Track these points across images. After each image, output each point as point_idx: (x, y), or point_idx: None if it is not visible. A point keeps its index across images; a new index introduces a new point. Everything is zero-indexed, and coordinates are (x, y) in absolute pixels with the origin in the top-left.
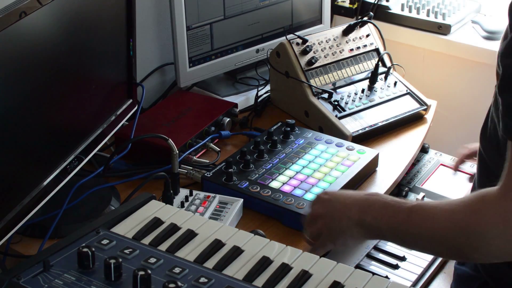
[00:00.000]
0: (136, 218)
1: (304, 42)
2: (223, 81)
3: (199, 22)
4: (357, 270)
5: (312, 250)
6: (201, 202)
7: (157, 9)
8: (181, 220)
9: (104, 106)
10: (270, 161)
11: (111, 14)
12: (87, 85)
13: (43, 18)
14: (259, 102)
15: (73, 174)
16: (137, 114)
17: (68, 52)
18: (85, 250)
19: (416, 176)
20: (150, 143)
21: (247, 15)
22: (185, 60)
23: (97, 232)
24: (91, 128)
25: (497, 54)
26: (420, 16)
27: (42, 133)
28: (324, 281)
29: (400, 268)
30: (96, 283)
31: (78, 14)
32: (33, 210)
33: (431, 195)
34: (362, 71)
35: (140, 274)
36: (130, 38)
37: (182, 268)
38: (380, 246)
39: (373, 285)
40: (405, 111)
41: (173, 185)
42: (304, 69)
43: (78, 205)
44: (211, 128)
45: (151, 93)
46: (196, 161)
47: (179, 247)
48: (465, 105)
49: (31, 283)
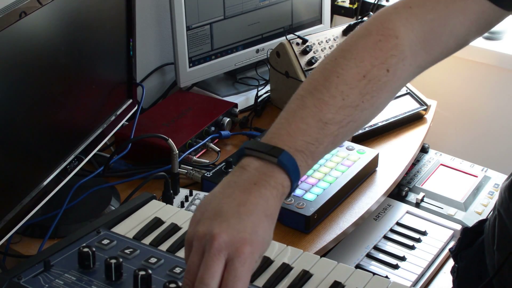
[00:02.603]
0: (136, 218)
1: (304, 42)
2: (223, 81)
3: (199, 22)
4: (357, 270)
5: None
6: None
7: (157, 9)
8: (181, 220)
9: (104, 106)
10: None
11: (111, 14)
12: (87, 85)
13: (43, 18)
14: (259, 102)
15: (73, 174)
16: (137, 114)
17: (68, 52)
18: (86, 250)
19: (416, 176)
20: (150, 143)
21: (247, 15)
22: (185, 60)
23: (98, 232)
24: (91, 128)
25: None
26: None
27: (42, 133)
28: (324, 281)
29: (400, 268)
30: (96, 283)
31: (78, 14)
32: (33, 210)
33: (431, 195)
34: None
35: (140, 274)
36: (130, 38)
37: (183, 268)
38: (380, 246)
39: (374, 285)
40: (405, 111)
41: (173, 185)
42: (304, 69)
43: (78, 205)
44: (211, 128)
45: (151, 93)
46: (196, 161)
47: (180, 247)
48: (465, 105)
49: (31, 283)
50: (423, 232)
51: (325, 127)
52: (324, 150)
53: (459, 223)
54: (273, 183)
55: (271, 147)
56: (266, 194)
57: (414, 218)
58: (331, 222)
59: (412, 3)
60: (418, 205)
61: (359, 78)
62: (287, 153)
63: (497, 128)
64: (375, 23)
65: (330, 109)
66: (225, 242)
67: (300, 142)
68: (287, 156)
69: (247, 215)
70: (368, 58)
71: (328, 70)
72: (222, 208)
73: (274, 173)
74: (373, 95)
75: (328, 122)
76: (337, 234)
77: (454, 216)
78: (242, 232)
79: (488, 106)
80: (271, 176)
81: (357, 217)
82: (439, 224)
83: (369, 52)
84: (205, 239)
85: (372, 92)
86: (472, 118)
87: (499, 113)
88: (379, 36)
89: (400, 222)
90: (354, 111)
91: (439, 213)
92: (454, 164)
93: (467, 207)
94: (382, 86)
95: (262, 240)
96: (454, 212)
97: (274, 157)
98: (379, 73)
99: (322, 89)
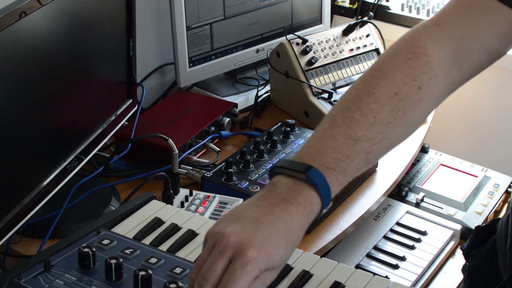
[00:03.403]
0: (137, 218)
1: (304, 42)
2: (223, 81)
3: (199, 22)
4: (358, 270)
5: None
6: (201, 202)
7: (157, 9)
8: (182, 220)
9: (104, 106)
10: (270, 161)
11: (111, 14)
12: (87, 85)
13: (43, 18)
14: (259, 102)
15: (73, 174)
16: (137, 114)
17: (68, 52)
18: (86, 250)
19: (416, 176)
20: (150, 143)
21: (247, 15)
22: (185, 60)
23: (98, 232)
24: (91, 128)
25: None
26: (420, 16)
27: (42, 133)
28: (325, 281)
29: (400, 268)
30: (97, 283)
31: (78, 14)
32: (33, 210)
33: (431, 195)
34: (362, 71)
35: (141, 274)
36: (130, 38)
37: (183, 268)
38: (380, 246)
39: (374, 285)
40: None
41: (173, 185)
42: (304, 69)
43: (78, 205)
44: (211, 128)
45: (151, 93)
46: (196, 161)
47: (180, 247)
48: (465, 105)
49: (32, 283)
50: (423, 232)
51: (356, 144)
52: (356, 167)
53: (459, 223)
54: (301, 200)
55: (300, 164)
56: (292, 210)
57: (414, 218)
58: (331, 222)
59: (441, 20)
60: (418, 205)
61: (390, 96)
62: (315, 170)
63: (497, 128)
64: (405, 42)
65: (361, 126)
66: (233, 242)
67: (330, 159)
68: (316, 173)
69: (265, 224)
70: (398, 76)
71: (358, 90)
72: (244, 214)
73: (303, 190)
74: (406, 112)
75: (359, 139)
76: (337, 234)
77: (454, 216)
78: (253, 237)
79: (488, 106)
80: (300, 193)
81: (357, 217)
82: (439, 224)
83: (400, 70)
84: (217, 237)
85: (405, 109)
86: (472, 118)
87: (499, 113)
88: (409, 54)
89: (400, 222)
90: (387, 128)
91: (439, 213)
92: (454, 164)
93: (467, 207)
94: (414, 103)
95: (273, 252)
96: (454, 212)
97: (303, 174)
98: (410, 90)
99: (352, 108)
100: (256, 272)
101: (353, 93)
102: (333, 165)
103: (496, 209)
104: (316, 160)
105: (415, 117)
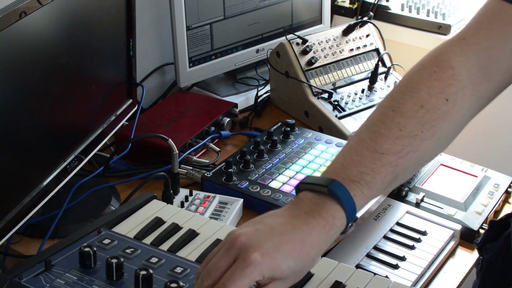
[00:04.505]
0: (137, 218)
1: (304, 42)
2: (223, 81)
3: (199, 22)
4: (358, 270)
5: None
6: (201, 202)
7: (157, 9)
8: (182, 220)
9: (104, 106)
10: (270, 161)
11: (111, 14)
12: (87, 85)
13: (43, 18)
14: (259, 102)
15: (73, 174)
16: (137, 114)
17: (68, 52)
18: (87, 249)
19: (416, 176)
20: (150, 143)
21: (247, 15)
22: (185, 60)
23: (99, 232)
24: (91, 128)
25: None
26: (420, 16)
27: (42, 133)
28: (325, 281)
29: (400, 268)
30: (97, 283)
31: (78, 14)
32: (33, 210)
33: (431, 195)
34: (362, 71)
35: (141, 274)
36: (130, 38)
37: (184, 268)
38: (380, 246)
39: (374, 285)
40: None
41: (173, 185)
42: (304, 69)
43: (78, 205)
44: (211, 128)
45: (151, 93)
46: (196, 161)
47: (181, 246)
48: None
49: (32, 282)
50: (423, 232)
51: (382, 157)
52: (382, 180)
53: (459, 223)
54: (323, 214)
55: (323, 179)
56: (312, 223)
57: (414, 218)
58: None
59: (466, 34)
60: (418, 205)
61: (416, 109)
62: (337, 182)
63: (497, 128)
64: (429, 57)
65: (387, 140)
66: (241, 242)
67: (355, 172)
68: (338, 185)
69: (279, 232)
70: (424, 88)
71: (384, 106)
72: (264, 221)
73: (326, 204)
74: (433, 125)
75: (385, 152)
76: None
77: (454, 216)
78: (262, 242)
79: (488, 105)
80: (322, 207)
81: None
82: (439, 224)
83: (425, 83)
84: (231, 235)
85: (432, 121)
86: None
87: (499, 113)
88: (434, 68)
89: (400, 222)
90: (414, 141)
91: (439, 213)
92: (454, 164)
93: (467, 207)
94: (442, 115)
95: (280, 260)
96: (454, 212)
97: (325, 187)
98: (437, 102)
99: (378, 123)
100: (256, 276)
101: (379, 110)
102: (357, 178)
103: (496, 209)
104: (340, 174)
105: (444, 130)
